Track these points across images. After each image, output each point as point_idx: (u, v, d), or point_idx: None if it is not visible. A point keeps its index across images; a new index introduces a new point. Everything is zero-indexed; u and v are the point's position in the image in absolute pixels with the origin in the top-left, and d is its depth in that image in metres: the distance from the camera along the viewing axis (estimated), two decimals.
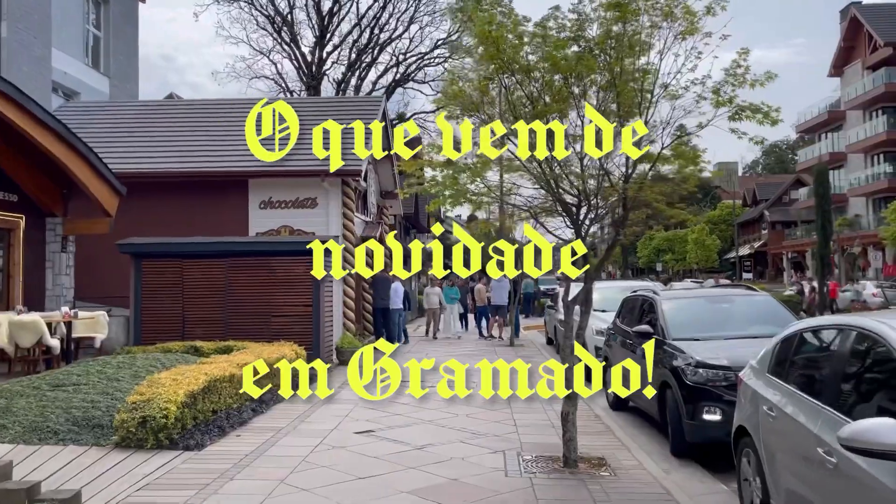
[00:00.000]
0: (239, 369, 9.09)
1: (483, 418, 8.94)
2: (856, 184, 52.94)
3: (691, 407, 7.13)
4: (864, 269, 51.50)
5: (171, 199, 16.42)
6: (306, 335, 13.62)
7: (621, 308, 10.40)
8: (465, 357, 15.98)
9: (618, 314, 10.44)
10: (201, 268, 13.91)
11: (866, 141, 51.15)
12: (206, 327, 13.73)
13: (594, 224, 6.48)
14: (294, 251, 13.92)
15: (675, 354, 7.72)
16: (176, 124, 18.65)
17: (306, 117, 19.01)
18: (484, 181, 6.19)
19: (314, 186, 16.22)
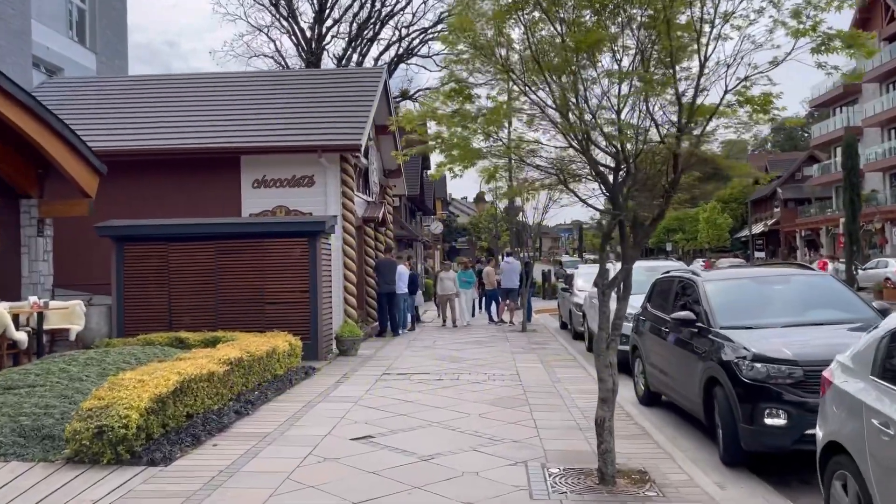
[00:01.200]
0: (221, 366, 8.00)
1: (499, 419, 7.83)
2: (872, 158, 51.38)
3: (749, 409, 5.99)
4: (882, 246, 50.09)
5: (157, 179, 15.29)
6: (303, 323, 12.56)
7: (652, 291, 9.24)
8: (475, 344, 14.88)
9: (647, 298, 9.28)
10: (189, 252, 12.82)
11: (883, 114, 49.62)
12: (195, 316, 12.68)
13: (633, 189, 5.30)
14: (289, 233, 12.81)
15: (724, 346, 6.57)
16: (164, 99, 17.48)
17: (303, 90, 17.85)
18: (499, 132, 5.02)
19: (311, 163, 15.06)
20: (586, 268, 18.61)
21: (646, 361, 8.85)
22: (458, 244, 56.11)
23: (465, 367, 11.61)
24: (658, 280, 9.10)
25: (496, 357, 12.87)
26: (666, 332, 8.09)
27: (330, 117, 16.04)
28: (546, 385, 9.98)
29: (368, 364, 12.23)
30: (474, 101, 4.89)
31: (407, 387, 9.86)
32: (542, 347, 14.35)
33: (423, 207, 51.37)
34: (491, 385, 9.96)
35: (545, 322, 21.00)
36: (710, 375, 6.65)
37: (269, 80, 18.96)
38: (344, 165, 15.32)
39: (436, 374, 10.90)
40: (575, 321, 16.44)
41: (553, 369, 11.43)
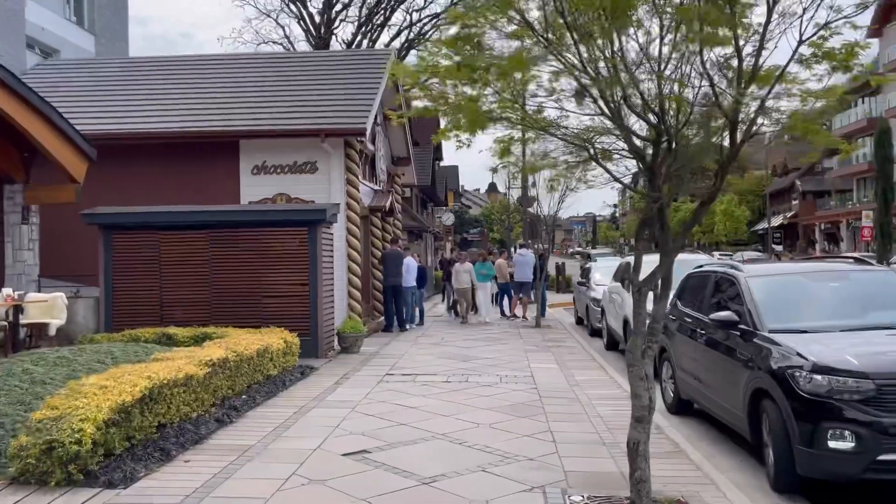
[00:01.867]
0: (201, 368, 7.16)
1: (511, 430, 6.95)
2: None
3: (807, 428, 5.08)
4: None
5: (151, 165, 14.47)
6: (302, 319, 11.73)
7: (683, 287, 8.31)
8: (487, 341, 14.00)
9: (677, 295, 8.36)
10: (181, 241, 12.00)
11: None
12: (188, 310, 11.87)
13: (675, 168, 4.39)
14: (288, 221, 11.97)
15: (774, 352, 5.66)
16: (161, 82, 16.65)
17: (306, 73, 16.97)
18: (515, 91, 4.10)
19: (313, 149, 14.19)
20: (605, 261, 17.67)
21: (676, 366, 7.94)
22: (469, 236, 55.19)
23: (475, 368, 10.74)
24: (690, 275, 8.17)
25: (509, 356, 11.99)
26: (701, 334, 7.18)
27: (334, 100, 15.16)
28: (563, 389, 9.10)
29: (371, 363, 11.38)
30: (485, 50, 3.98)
31: (411, 390, 9.00)
32: (558, 345, 13.46)
33: (434, 198, 50.46)
34: (503, 389, 9.08)
35: (559, 317, 20.10)
36: (757, 387, 5.73)
37: (271, 62, 18.09)
38: (348, 151, 14.44)
39: (443, 376, 10.04)
40: (592, 317, 15.53)
41: (570, 370, 10.55)
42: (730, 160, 4.04)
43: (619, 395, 8.70)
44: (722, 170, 4.11)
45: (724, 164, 4.10)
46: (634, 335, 4.70)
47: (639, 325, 4.66)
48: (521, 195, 22.08)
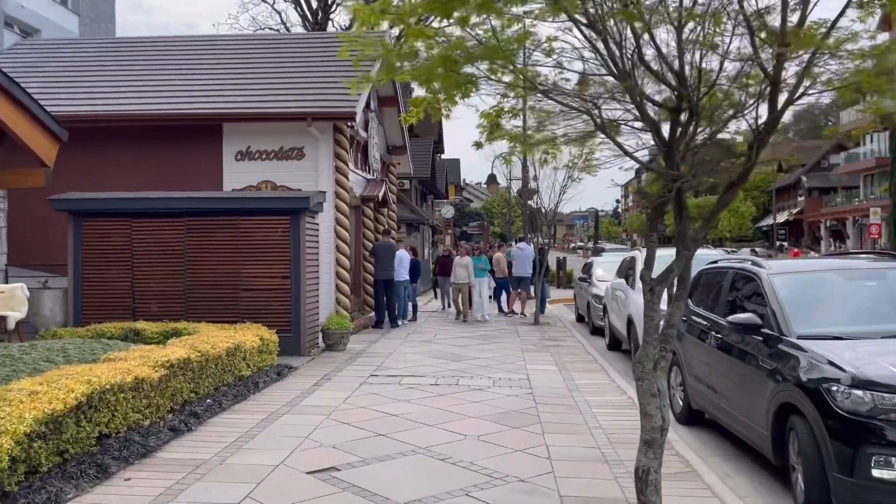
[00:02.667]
0: (156, 369, 6.41)
1: (502, 443, 6.20)
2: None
3: (847, 453, 4.32)
4: None
5: (129, 149, 13.69)
6: (283, 314, 10.99)
7: (694, 285, 7.53)
8: (481, 339, 13.23)
9: (688, 293, 7.56)
10: (154, 229, 11.24)
11: None
12: (162, 303, 11.14)
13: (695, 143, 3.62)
14: (268, 210, 11.20)
15: (805, 362, 4.90)
16: (142, 62, 15.84)
17: (295, 55, 16.16)
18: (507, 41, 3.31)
19: (301, 134, 13.41)
20: (612, 256, 16.91)
21: (686, 372, 7.18)
22: (469, 229, 54.48)
23: (466, 369, 9.98)
24: (703, 272, 7.39)
25: (504, 356, 11.23)
26: (716, 338, 6.41)
27: (323, 83, 14.36)
28: (561, 394, 8.34)
29: (356, 362, 10.62)
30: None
31: (395, 394, 8.24)
32: (557, 344, 12.69)
33: (435, 191, 49.64)
34: (495, 393, 8.32)
35: (560, 314, 19.34)
36: (784, 401, 4.97)
37: (260, 44, 17.28)
38: (338, 136, 13.65)
39: (431, 378, 9.28)
40: (594, 314, 14.76)
41: (570, 373, 9.79)
42: (769, 129, 3.28)
43: (622, 402, 7.94)
44: (758, 142, 3.34)
45: (761, 136, 3.33)
46: (645, 343, 3.93)
47: (651, 330, 3.89)
48: (521, 187, 21.29)
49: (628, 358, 11.61)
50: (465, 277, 16.64)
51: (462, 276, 16.66)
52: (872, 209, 45.61)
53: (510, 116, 3.91)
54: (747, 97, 3.40)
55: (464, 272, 16.67)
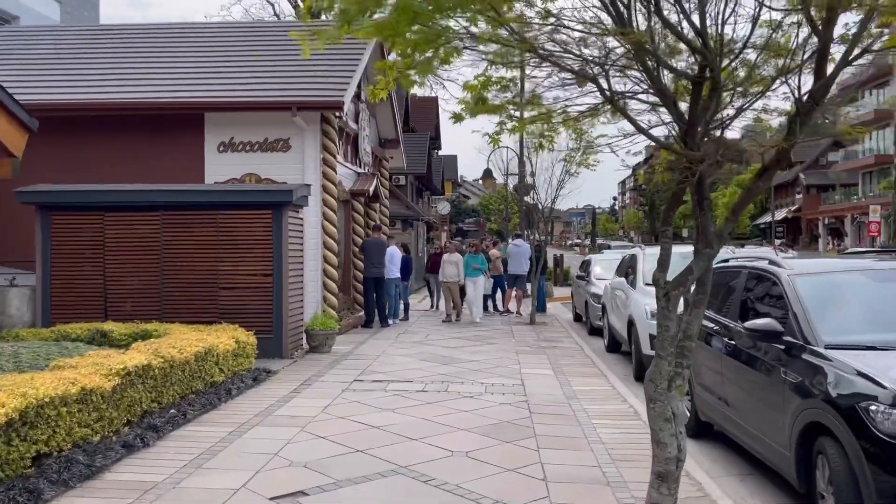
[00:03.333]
0: (109, 378, 5.78)
1: (492, 461, 5.59)
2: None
3: (892, 483, 3.72)
4: None
5: (105, 140, 13.04)
6: (264, 314, 10.37)
7: None
8: (474, 341, 12.62)
9: None
10: (128, 224, 10.61)
11: None
12: (137, 303, 10.53)
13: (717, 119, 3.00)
14: (249, 203, 10.58)
15: (834, 375, 4.30)
16: (123, 51, 15.18)
17: (282, 43, 15.49)
18: None
19: (286, 124, 12.77)
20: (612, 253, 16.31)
21: (694, 381, 6.57)
22: (465, 225, 53.90)
23: (457, 373, 9.37)
24: (714, 270, 6.77)
25: (498, 358, 10.62)
26: (728, 345, 5.81)
27: (310, 72, 13.71)
28: (558, 402, 7.73)
29: (340, 365, 10.01)
30: None
31: (379, 402, 7.63)
32: (553, 346, 12.09)
33: (431, 187, 48.92)
34: (487, 401, 7.71)
35: (557, 312, 18.74)
36: (811, 420, 4.37)
37: (244, 31, 16.61)
38: (325, 128, 13.01)
39: (420, 383, 8.66)
40: (592, 314, 14.16)
41: (567, 377, 9.18)
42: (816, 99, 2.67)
43: (624, 411, 7.35)
44: (802, 115, 2.74)
45: (806, 108, 2.73)
46: (658, 358, 3.33)
47: (665, 343, 3.28)
48: (518, 182, 20.68)
49: (628, 360, 11.01)
50: (454, 276, 15.78)
51: (451, 274, 15.82)
52: (872, 207, 45.14)
53: (499, 89, 3.30)
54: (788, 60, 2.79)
55: (453, 270, 15.83)
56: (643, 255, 10.65)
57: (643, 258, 10.54)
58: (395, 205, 34.63)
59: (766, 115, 3.48)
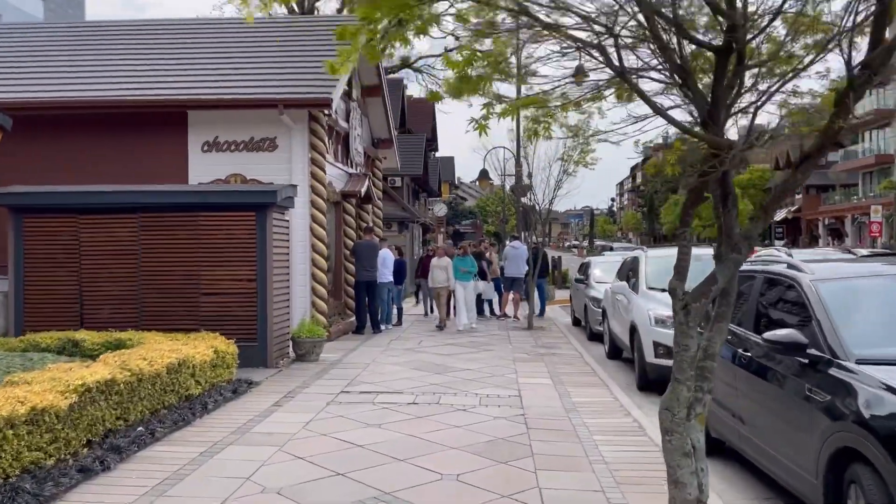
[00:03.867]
0: (66, 396, 5.28)
1: (486, 486, 5.09)
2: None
3: None
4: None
5: (84, 140, 12.55)
6: (248, 321, 9.88)
7: None
8: (470, 347, 12.12)
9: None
10: (104, 227, 10.12)
11: None
12: (114, 309, 10.04)
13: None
14: (231, 205, 10.08)
15: (868, 394, 3.81)
16: (106, 48, 14.67)
17: (270, 40, 15.01)
18: None
19: (273, 123, 12.27)
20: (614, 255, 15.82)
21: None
22: (462, 227, 53.44)
23: (451, 383, 8.87)
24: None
25: (493, 367, 10.13)
26: (743, 357, 5.31)
27: (298, 69, 13.23)
28: (557, 415, 7.24)
29: (328, 375, 9.51)
30: None
31: (366, 416, 7.13)
32: (552, 352, 11.59)
33: (428, 189, 48.47)
34: (482, 415, 7.22)
35: (555, 316, 18.24)
36: (842, 445, 3.87)
37: (231, 28, 16.07)
38: (313, 126, 12.51)
39: (410, 394, 8.16)
40: (591, 319, 13.67)
41: (566, 387, 8.69)
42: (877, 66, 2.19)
43: (627, 426, 6.85)
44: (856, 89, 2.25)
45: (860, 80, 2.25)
46: (675, 382, 2.83)
47: (684, 365, 2.78)
48: (515, 182, 20.18)
49: (630, 368, 10.53)
50: (443, 280, 14.93)
51: (440, 278, 14.95)
52: (873, 207, 44.68)
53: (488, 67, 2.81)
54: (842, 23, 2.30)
55: (442, 274, 14.96)
56: (645, 257, 10.16)
57: (645, 261, 10.05)
58: (390, 206, 34.20)
59: (797, 97, 2.99)
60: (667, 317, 8.64)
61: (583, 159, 14.59)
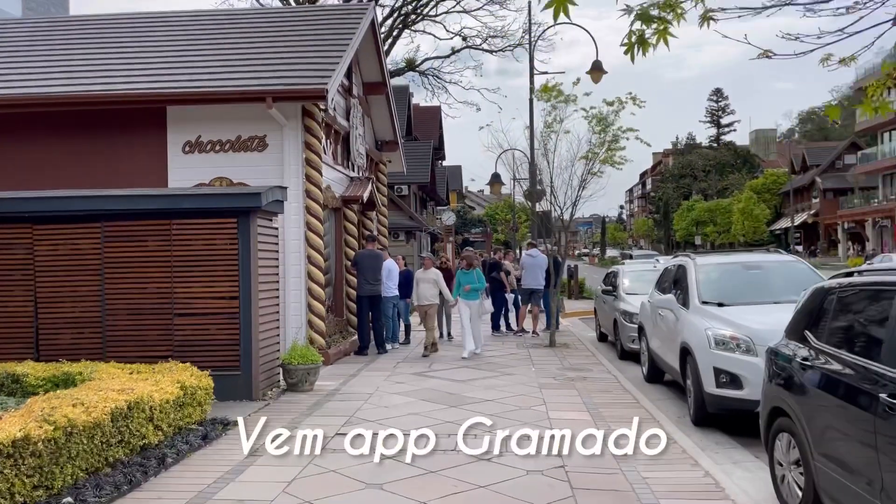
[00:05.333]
0: None
1: None
2: None
3: None
4: None
5: (48, 139, 11.21)
6: (229, 346, 8.46)
7: (814, 310, 4.95)
8: (487, 370, 10.60)
9: (806, 323, 4.99)
10: (64, 238, 8.71)
11: None
12: (75, 335, 8.66)
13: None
14: (210, 211, 8.64)
15: None
16: (82, 42, 13.31)
17: (260, 30, 13.64)
18: None
19: (262, 119, 10.85)
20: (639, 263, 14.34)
21: (812, 446, 4.56)
22: (472, 236, 52.00)
23: (468, 420, 7.33)
24: (831, 292, 4.78)
25: (517, 396, 8.63)
26: (890, 406, 3.80)
27: (289, 59, 11.84)
28: (607, 468, 5.73)
29: (322, 409, 8.03)
30: None
31: (363, 473, 5.64)
32: (583, 376, 10.07)
33: (435, 198, 47.08)
34: (510, 467, 5.72)
35: (575, 330, 16.73)
36: None
37: (220, 19, 14.71)
38: (308, 122, 11.10)
39: (421, 439, 6.66)
40: (623, 336, 12.14)
41: (608, 423, 7.17)
42: None
43: (700, 484, 5.35)
44: None
45: None
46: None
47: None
48: (529, 186, 18.73)
49: (675, 393, 9.05)
50: (431, 297, 12.45)
51: (428, 294, 12.45)
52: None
53: None
54: None
55: (429, 289, 12.47)
56: (695, 266, 8.64)
57: (695, 270, 8.53)
58: (397, 215, 32.84)
59: None
60: (730, 337, 7.14)
61: (610, 157, 13.11)
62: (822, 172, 66.70)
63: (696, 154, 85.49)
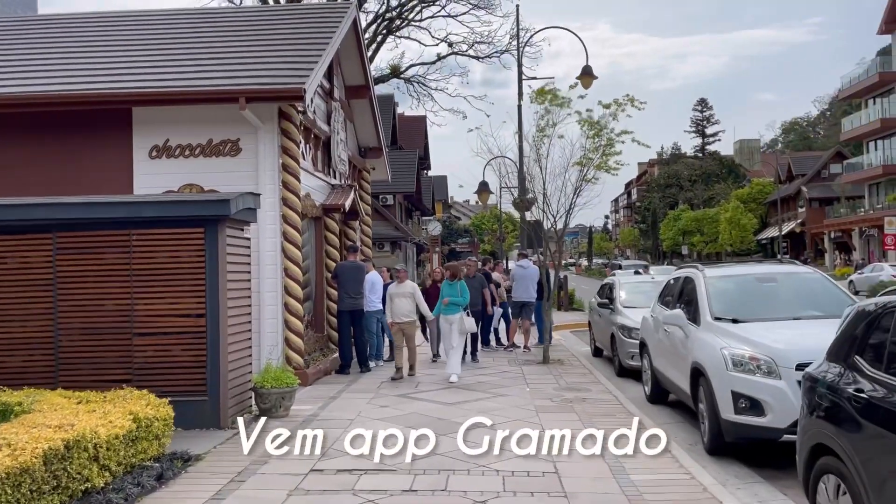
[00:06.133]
0: None
1: None
2: None
3: None
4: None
5: (3, 144, 10.39)
6: (194, 368, 7.68)
7: (864, 332, 4.25)
8: (478, 391, 9.85)
9: (856, 345, 4.30)
10: (10, 250, 7.90)
11: None
12: (25, 358, 7.83)
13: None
14: (173, 219, 7.86)
15: None
16: (43, 42, 12.53)
17: (235, 29, 12.90)
18: None
19: (236, 122, 10.09)
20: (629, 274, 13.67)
21: (868, 491, 3.85)
22: (458, 246, 51.31)
23: (459, 451, 6.60)
24: (873, 312, 4.09)
25: (512, 421, 7.89)
26: None
27: (265, 58, 11.12)
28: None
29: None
30: None
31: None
32: (582, 397, 9.35)
33: (421, 208, 46.39)
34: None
35: (568, 344, 16.04)
36: None
37: (192, 18, 13.92)
38: (285, 125, 10.35)
39: (405, 474, 5.91)
40: (622, 352, 11.42)
41: (614, 453, 6.43)
42: None
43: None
44: None
45: None
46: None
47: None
48: (518, 193, 18.07)
49: (682, 415, 8.36)
50: (408, 313, 11.15)
51: (404, 311, 11.13)
52: (887, 219, 42.71)
53: None
54: None
55: (405, 305, 11.14)
56: (704, 278, 7.95)
57: (705, 282, 7.84)
58: (382, 226, 32.07)
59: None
60: (750, 357, 6.44)
61: (604, 163, 12.48)
62: (808, 182, 66.69)
63: (681, 164, 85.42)
